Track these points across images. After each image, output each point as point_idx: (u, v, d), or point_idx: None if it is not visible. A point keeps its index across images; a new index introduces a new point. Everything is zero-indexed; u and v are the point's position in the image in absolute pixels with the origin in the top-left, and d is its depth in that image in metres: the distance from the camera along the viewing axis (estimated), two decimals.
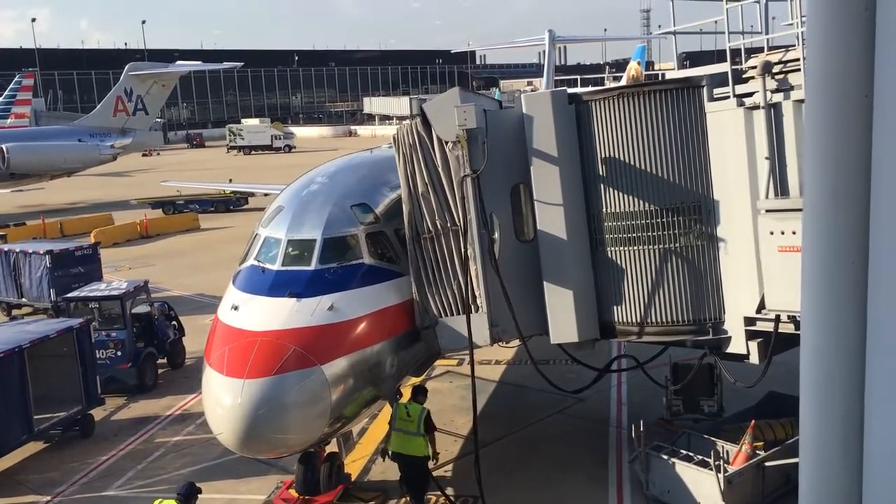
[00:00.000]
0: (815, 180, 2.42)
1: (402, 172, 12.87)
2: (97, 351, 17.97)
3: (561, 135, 12.27)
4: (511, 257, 12.54)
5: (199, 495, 10.81)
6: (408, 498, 13.04)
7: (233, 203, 47.75)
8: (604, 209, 12.34)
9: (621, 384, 18.02)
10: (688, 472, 12.25)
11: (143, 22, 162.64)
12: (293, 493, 12.83)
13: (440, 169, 12.62)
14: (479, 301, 12.44)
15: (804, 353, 2.51)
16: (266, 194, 48.44)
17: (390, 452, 12.91)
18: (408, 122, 13.47)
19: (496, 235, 12.46)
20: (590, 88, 17.85)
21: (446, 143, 12.43)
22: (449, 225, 12.59)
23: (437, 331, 12.78)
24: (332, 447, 13.26)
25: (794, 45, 11.57)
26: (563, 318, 12.40)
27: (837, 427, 2.45)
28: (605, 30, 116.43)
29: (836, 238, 2.38)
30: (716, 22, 11.80)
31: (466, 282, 12.35)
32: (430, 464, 13.06)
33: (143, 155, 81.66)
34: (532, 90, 61.45)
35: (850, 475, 2.42)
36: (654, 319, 12.13)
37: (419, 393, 13.50)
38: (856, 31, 2.27)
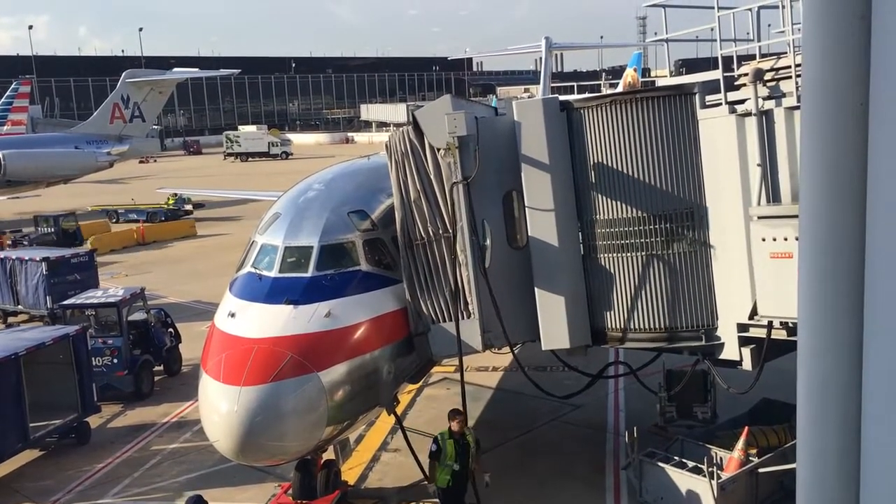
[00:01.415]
0: (812, 187, 2.43)
1: (395, 179, 12.88)
2: (93, 358, 17.98)
3: (552, 142, 12.30)
4: (503, 264, 12.57)
5: None
6: None
7: (164, 214, 47.54)
8: (596, 216, 12.37)
9: (618, 391, 18.06)
10: (681, 479, 12.26)
11: (141, 29, 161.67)
12: (290, 498, 12.85)
13: (432, 176, 12.65)
14: (470, 307, 12.49)
15: (801, 357, 2.52)
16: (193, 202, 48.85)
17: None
18: (400, 128, 13.50)
19: (487, 242, 12.49)
20: (584, 95, 17.86)
21: (438, 150, 12.47)
22: (441, 231, 12.61)
23: (429, 337, 12.78)
24: (329, 454, 13.26)
25: (785, 53, 11.64)
26: (554, 324, 12.42)
27: (834, 431, 2.46)
28: (602, 37, 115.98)
29: (833, 243, 2.39)
30: (712, 29, 11.83)
31: (455, 288, 12.40)
32: (432, 489, 12.64)
33: (140, 162, 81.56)
34: (529, 97, 61.45)
35: (847, 480, 2.43)
36: (646, 326, 12.16)
37: (449, 416, 12.85)
38: (851, 39, 2.27)
